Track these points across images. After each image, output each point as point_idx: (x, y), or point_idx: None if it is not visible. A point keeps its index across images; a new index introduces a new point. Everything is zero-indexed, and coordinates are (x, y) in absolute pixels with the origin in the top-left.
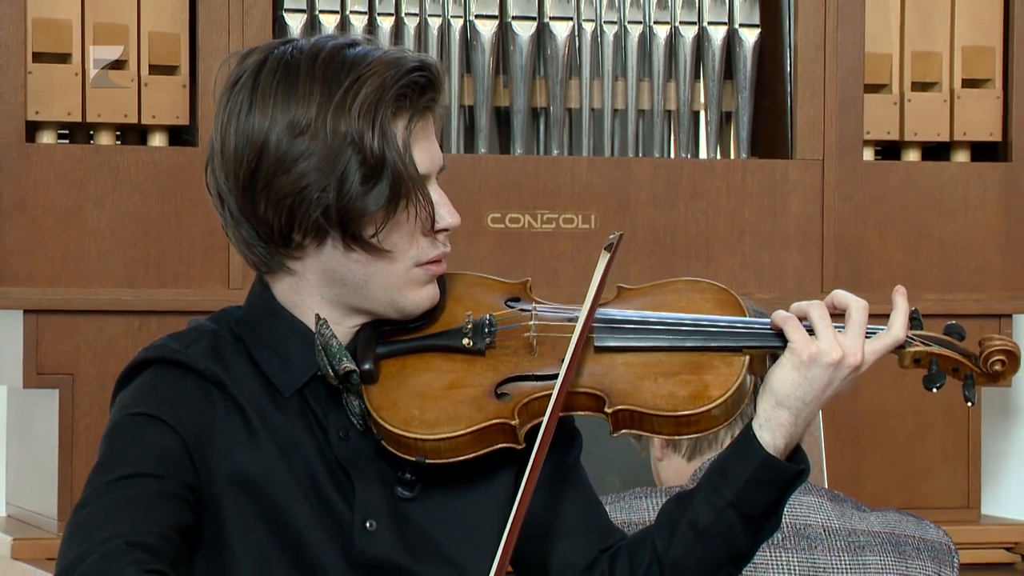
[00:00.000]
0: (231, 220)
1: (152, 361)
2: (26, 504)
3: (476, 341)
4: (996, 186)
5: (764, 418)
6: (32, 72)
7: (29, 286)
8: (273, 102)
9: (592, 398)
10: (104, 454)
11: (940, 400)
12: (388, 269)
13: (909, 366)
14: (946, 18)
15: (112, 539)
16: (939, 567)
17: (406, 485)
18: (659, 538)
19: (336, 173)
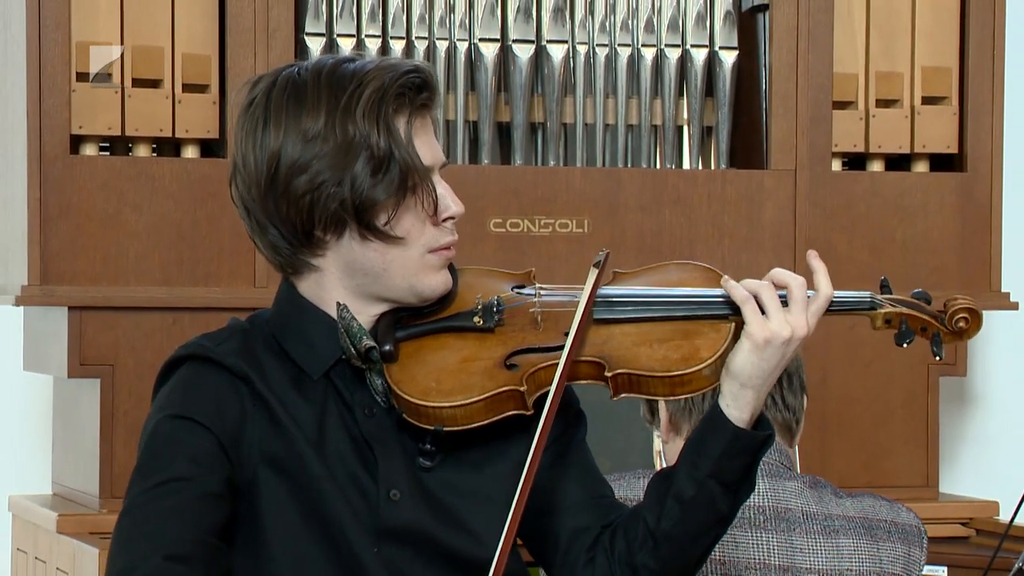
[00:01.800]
0: (257, 228)
1: (186, 358)
2: (70, 483)
3: (486, 320)
4: (953, 194)
5: (730, 397)
6: (76, 91)
7: (73, 285)
8: (286, 116)
9: (593, 365)
10: (142, 459)
11: (901, 388)
12: (403, 256)
13: (881, 327)
14: (907, 41)
15: (151, 555)
16: (908, 548)
17: (426, 455)
18: (649, 514)
19: (348, 169)
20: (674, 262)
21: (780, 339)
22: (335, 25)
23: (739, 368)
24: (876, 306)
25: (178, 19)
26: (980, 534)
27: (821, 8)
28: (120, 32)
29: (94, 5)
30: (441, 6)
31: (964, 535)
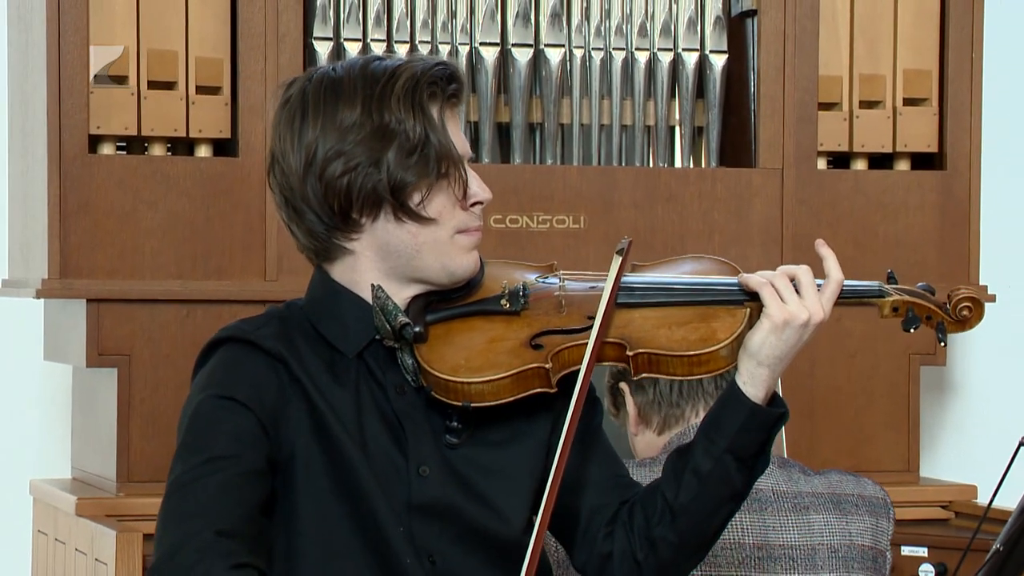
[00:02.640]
0: (294, 214)
1: (226, 340)
2: (88, 468)
3: (512, 303)
4: (933, 191)
5: (747, 375)
6: (94, 92)
7: (91, 278)
8: (324, 109)
9: (615, 347)
10: (185, 439)
11: (884, 378)
12: (435, 236)
13: (888, 315)
14: (889, 45)
15: (202, 530)
16: (876, 519)
17: (453, 433)
18: (667, 488)
19: (384, 152)
20: (690, 256)
21: (798, 321)
22: (342, 30)
23: (757, 347)
24: (884, 294)
25: (192, 24)
26: (959, 516)
27: (807, 14)
28: (136, 36)
29: (111, 10)
30: (443, 11)
31: (944, 517)
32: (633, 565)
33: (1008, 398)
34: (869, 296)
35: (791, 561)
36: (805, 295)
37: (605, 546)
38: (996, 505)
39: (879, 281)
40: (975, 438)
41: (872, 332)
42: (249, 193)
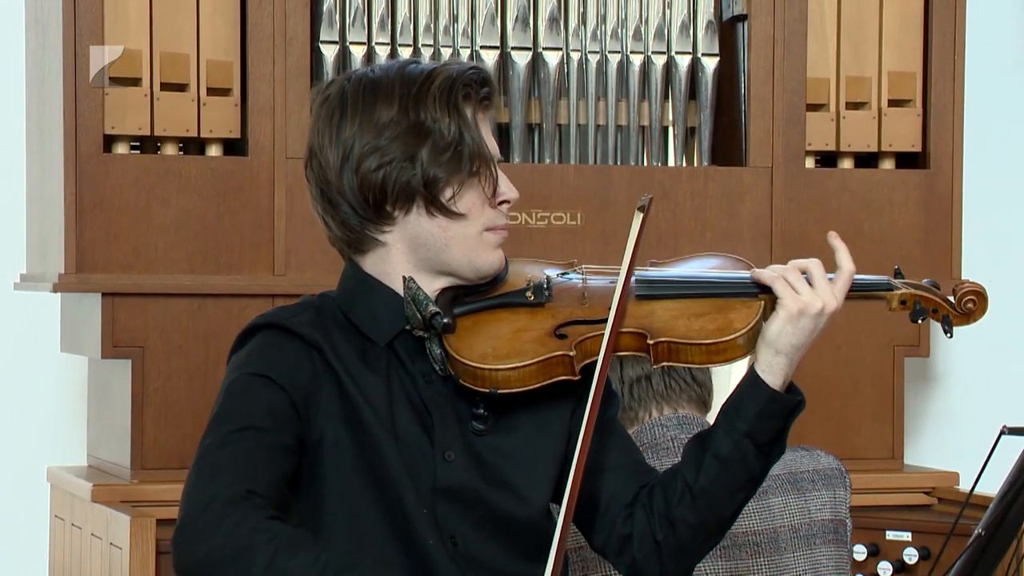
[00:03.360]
0: (330, 206)
1: (264, 326)
2: (103, 456)
3: (537, 296)
4: (917, 189)
5: (765, 364)
6: (108, 94)
7: (106, 273)
8: (362, 107)
9: (636, 336)
10: (222, 407)
11: (869, 369)
12: (464, 232)
13: (896, 308)
14: (875, 48)
15: (234, 485)
16: (833, 491)
17: (479, 419)
18: (688, 471)
19: (419, 148)
20: (704, 253)
21: (813, 310)
22: (347, 34)
23: (774, 336)
24: (893, 287)
25: (203, 28)
26: (942, 502)
27: (795, 18)
28: (149, 39)
29: (125, 15)
30: (445, 16)
31: (927, 503)
32: (653, 545)
33: (989, 388)
34: (879, 289)
35: (755, 547)
36: (817, 285)
37: (625, 528)
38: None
39: (885, 275)
40: (957, 427)
41: (858, 324)
42: (258, 191)
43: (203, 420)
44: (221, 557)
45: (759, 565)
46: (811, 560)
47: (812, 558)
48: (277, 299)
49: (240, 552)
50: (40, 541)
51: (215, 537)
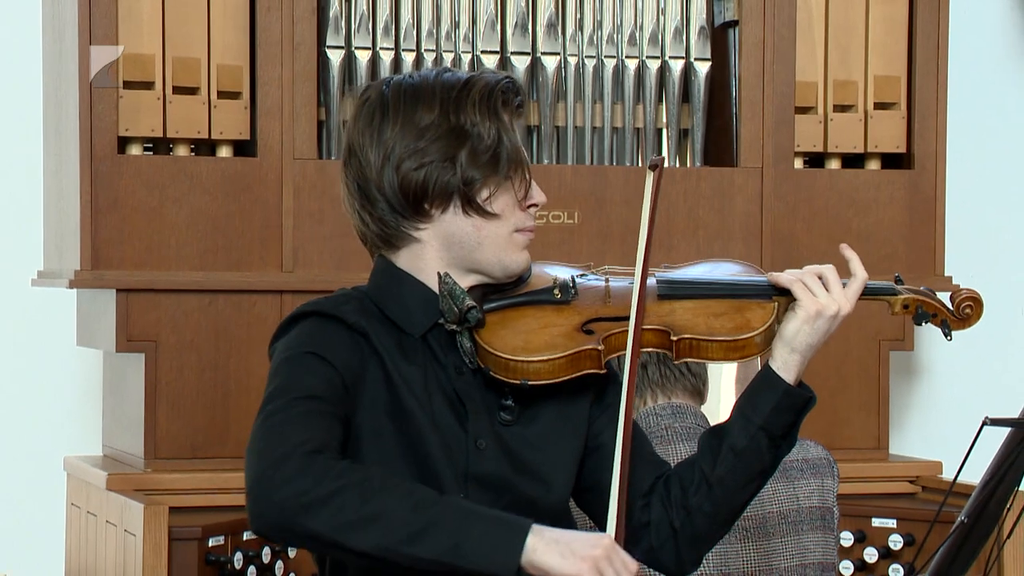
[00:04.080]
0: (367, 202)
1: (310, 314)
2: (118, 446)
3: (563, 294)
4: (902, 189)
5: (781, 361)
6: (123, 97)
7: (121, 270)
8: (403, 110)
9: (659, 333)
10: (283, 380)
11: (856, 362)
12: (496, 232)
13: (899, 312)
14: (861, 53)
15: (308, 442)
16: (820, 480)
17: (507, 410)
18: (704, 462)
19: (459, 150)
20: (718, 258)
21: (829, 312)
22: (353, 39)
23: (792, 336)
24: (897, 292)
25: (214, 33)
26: (926, 490)
27: (785, 24)
28: (162, 45)
29: (138, 20)
30: (447, 22)
31: (912, 491)
32: (669, 532)
33: (971, 381)
34: (884, 293)
35: (744, 531)
36: (833, 290)
37: (642, 516)
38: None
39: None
40: (940, 418)
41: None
42: (267, 191)
43: (214, 412)
44: (313, 500)
45: (747, 550)
46: (799, 545)
47: (799, 543)
48: (285, 295)
49: (332, 493)
50: (57, 528)
51: (302, 481)
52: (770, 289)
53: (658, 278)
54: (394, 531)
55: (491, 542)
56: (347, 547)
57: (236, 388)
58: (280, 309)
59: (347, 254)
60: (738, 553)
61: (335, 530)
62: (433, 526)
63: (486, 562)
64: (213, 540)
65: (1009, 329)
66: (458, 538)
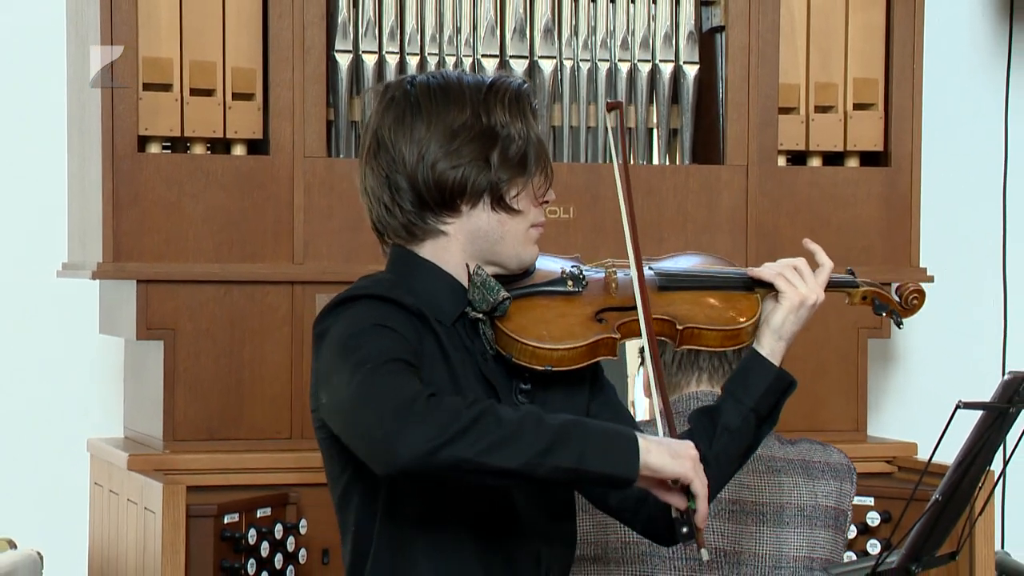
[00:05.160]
0: (397, 196)
1: (363, 297)
2: (138, 428)
3: (576, 285)
4: (879, 185)
5: (769, 349)
6: (142, 98)
7: (141, 262)
8: (435, 108)
9: (665, 323)
10: (367, 350)
11: (835, 349)
12: (516, 227)
13: (857, 302)
14: (841, 57)
15: (422, 389)
16: (840, 483)
17: (525, 394)
18: (701, 441)
19: (491, 150)
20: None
21: (810, 301)
22: (360, 43)
23: (779, 324)
24: (859, 285)
25: (228, 38)
26: (902, 470)
27: (769, 29)
28: (179, 49)
29: (157, 26)
30: (449, 27)
31: (888, 471)
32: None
33: (945, 367)
34: (847, 286)
35: (760, 516)
36: (808, 280)
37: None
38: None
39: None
40: (915, 402)
41: (825, 309)
42: (279, 187)
43: (229, 396)
44: (457, 431)
45: (762, 532)
46: (810, 538)
47: (811, 537)
48: (296, 286)
49: (472, 421)
50: (81, 506)
51: (440, 416)
52: (750, 281)
53: (655, 270)
54: (529, 448)
55: (611, 449)
56: (491, 468)
57: (250, 374)
58: (291, 299)
59: (355, 247)
60: (752, 535)
61: (480, 454)
62: (559, 440)
63: (611, 467)
64: (228, 517)
65: (979, 318)
66: (583, 448)
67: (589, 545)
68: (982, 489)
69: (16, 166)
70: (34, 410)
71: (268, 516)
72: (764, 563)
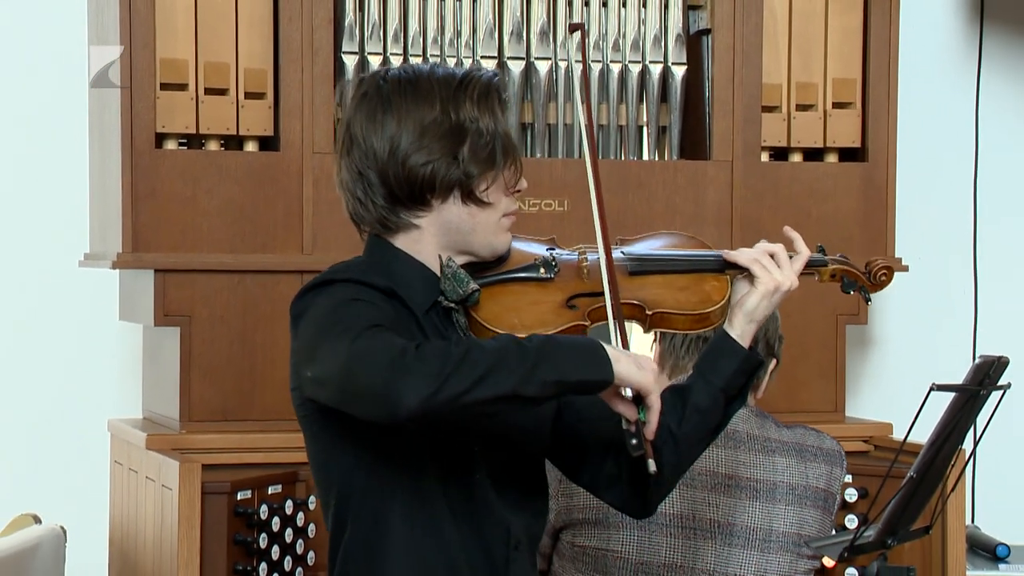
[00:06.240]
0: (369, 191)
1: (338, 280)
2: (156, 410)
3: (548, 271)
4: (857, 180)
5: (740, 331)
6: (160, 97)
7: (158, 252)
8: (405, 104)
9: (635, 307)
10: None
11: (815, 334)
12: (487, 218)
13: (827, 280)
14: (821, 58)
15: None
16: (831, 467)
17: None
18: (671, 420)
19: (460, 146)
20: (665, 232)
21: (784, 288)
22: (366, 45)
23: (752, 308)
24: (827, 263)
25: (241, 40)
26: (878, 449)
27: (752, 32)
28: (195, 50)
29: (174, 29)
30: (450, 30)
31: (865, 450)
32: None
33: (919, 351)
34: (816, 265)
35: (754, 492)
36: (784, 267)
37: (612, 468)
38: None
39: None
40: (891, 384)
41: (805, 297)
42: (289, 181)
43: (242, 379)
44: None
45: (755, 507)
46: (799, 516)
47: (800, 515)
48: (306, 274)
49: (460, 360)
50: (102, 483)
51: (430, 363)
52: (722, 264)
53: (625, 254)
54: (516, 370)
55: (585, 358)
56: (487, 397)
57: (262, 358)
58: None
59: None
60: (745, 509)
61: (475, 385)
62: (540, 358)
63: (588, 374)
64: (241, 494)
65: (951, 305)
66: (561, 360)
67: (590, 509)
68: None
69: (41, 163)
70: (58, 393)
71: (279, 493)
72: (755, 536)
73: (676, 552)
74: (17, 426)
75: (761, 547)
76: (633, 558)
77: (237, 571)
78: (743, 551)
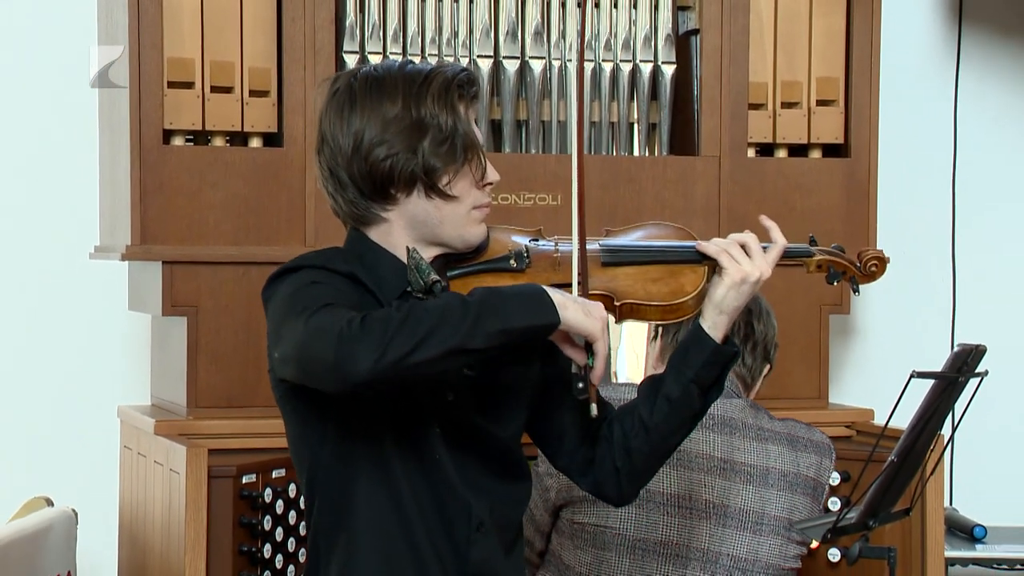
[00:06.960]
0: (339, 186)
1: (303, 267)
2: (164, 396)
3: (518, 262)
4: (840, 175)
5: (711, 321)
6: (167, 95)
7: (166, 244)
8: (369, 101)
9: (604, 298)
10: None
11: (799, 324)
12: (455, 211)
13: (813, 271)
14: (805, 57)
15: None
16: (820, 458)
17: (470, 367)
18: (643, 409)
19: (420, 141)
20: (652, 222)
21: (752, 278)
22: (366, 45)
23: (720, 299)
24: (812, 254)
25: (246, 40)
26: (860, 434)
27: (739, 32)
28: (201, 50)
29: (180, 29)
30: (448, 30)
31: (848, 435)
32: (612, 469)
33: (899, 341)
34: (801, 255)
35: (748, 476)
36: (755, 257)
37: (587, 453)
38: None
39: (806, 244)
40: (872, 372)
41: (789, 287)
42: (292, 177)
43: (247, 367)
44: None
45: (747, 491)
46: (790, 502)
47: (791, 501)
48: None
49: (402, 322)
50: (112, 467)
51: (377, 327)
52: (698, 255)
53: (601, 245)
54: (459, 325)
55: (528, 304)
56: (433, 355)
57: (266, 347)
58: None
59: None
60: (739, 492)
61: (419, 344)
62: (482, 310)
63: (533, 319)
64: (246, 478)
65: (930, 295)
66: (503, 309)
67: None
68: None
69: (53, 160)
70: (69, 380)
71: (283, 477)
72: (748, 518)
73: (672, 530)
74: (31, 412)
75: (754, 529)
76: (630, 535)
77: (242, 552)
78: (736, 532)
